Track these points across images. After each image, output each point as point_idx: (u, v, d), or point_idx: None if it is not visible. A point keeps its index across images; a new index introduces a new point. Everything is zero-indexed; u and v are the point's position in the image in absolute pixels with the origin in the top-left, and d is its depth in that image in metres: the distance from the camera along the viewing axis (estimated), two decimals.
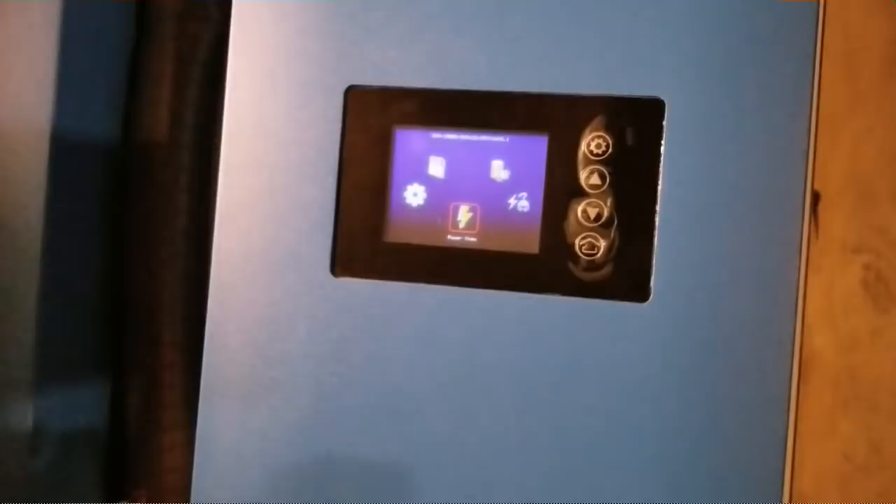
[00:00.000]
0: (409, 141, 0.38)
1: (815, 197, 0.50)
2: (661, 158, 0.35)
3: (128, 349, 0.47)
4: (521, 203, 0.36)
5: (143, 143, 0.47)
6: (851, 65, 0.51)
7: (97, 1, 0.45)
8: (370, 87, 0.38)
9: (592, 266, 0.36)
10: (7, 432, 0.42)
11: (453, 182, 0.37)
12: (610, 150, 0.36)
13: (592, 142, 0.36)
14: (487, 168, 0.37)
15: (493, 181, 0.37)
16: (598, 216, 0.36)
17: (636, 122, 0.35)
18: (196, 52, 0.47)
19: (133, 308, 0.47)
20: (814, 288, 0.50)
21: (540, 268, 0.36)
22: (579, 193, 0.36)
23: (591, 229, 0.36)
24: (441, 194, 0.37)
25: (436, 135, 0.37)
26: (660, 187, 0.35)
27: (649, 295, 0.35)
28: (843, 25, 0.51)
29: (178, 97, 0.47)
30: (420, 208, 0.37)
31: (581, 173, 0.36)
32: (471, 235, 0.37)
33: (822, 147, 0.50)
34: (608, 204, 0.36)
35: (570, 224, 0.36)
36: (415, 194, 0.38)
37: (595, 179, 0.36)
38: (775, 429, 0.34)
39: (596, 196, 0.36)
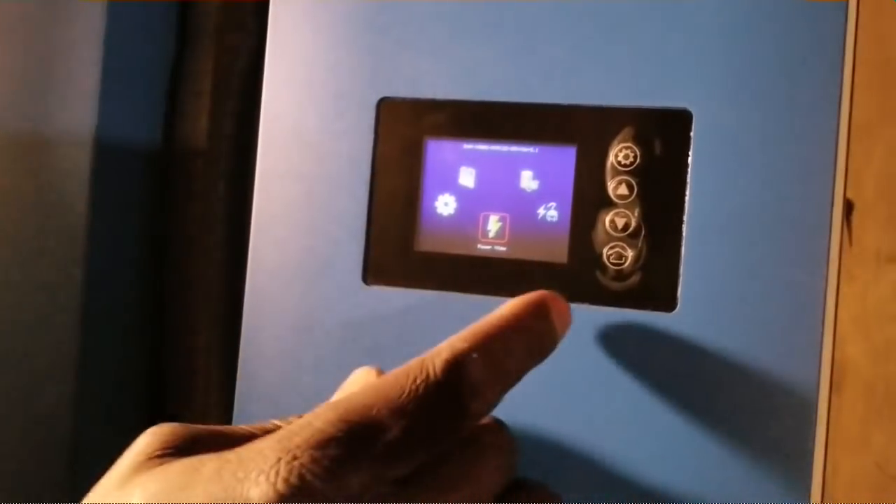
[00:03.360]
0: (440, 151, 0.38)
1: (849, 206, 0.49)
2: (689, 169, 0.35)
3: (165, 353, 0.48)
4: (550, 213, 0.37)
5: (182, 152, 0.48)
6: (886, 73, 0.51)
7: (140, 13, 0.47)
8: (402, 98, 0.39)
9: (620, 275, 0.36)
10: (45, 437, 0.44)
11: (483, 192, 0.38)
12: (638, 161, 0.36)
13: (620, 153, 0.36)
14: (517, 178, 0.37)
15: (522, 191, 0.37)
16: (626, 226, 0.36)
17: (664, 133, 0.36)
18: (234, 63, 0.48)
19: (170, 315, 0.48)
20: (847, 297, 0.50)
21: (568, 277, 0.36)
22: (607, 204, 0.36)
23: (618, 239, 0.36)
24: (471, 204, 0.38)
25: (466, 145, 0.38)
26: (687, 197, 0.35)
27: (677, 304, 0.35)
28: (876, 34, 0.50)
29: (217, 108, 0.48)
30: (450, 218, 0.38)
31: (609, 184, 0.36)
32: (500, 245, 0.37)
33: (856, 156, 0.50)
34: (636, 214, 0.36)
35: (599, 234, 0.36)
36: (445, 204, 0.38)
37: (623, 190, 0.36)
38: (807, 439, 0.34)
39: (624, 206, 0.36)
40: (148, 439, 0.27)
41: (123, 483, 0.26)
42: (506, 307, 0.30)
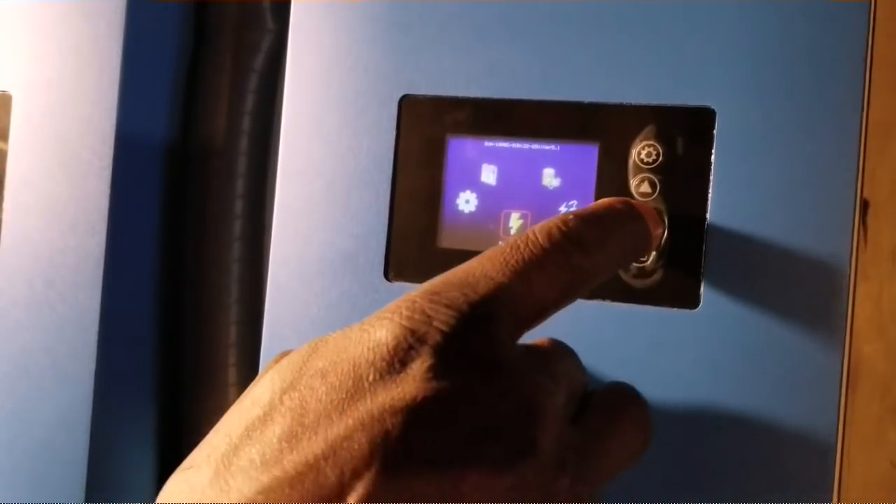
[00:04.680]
0: (462, 149, 0.38)
1: (865, 205, 0.50)
2: (712, 167, 0.36)
3: (184, 350, 0.49)
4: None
5: (201, 150, 0.48)
6: None
7: (159, 10, 0.47)
8: (424, 96, 0.39)
9: (643, 273, 0.36)
10: (64, 435, 0.44)
11: (505, 189, 0.38)
12: (660, 159, 0.36)
13: (643, 150, 0.36)
14: (539, 176, 0.37)
15: (544, 189, 0.37)
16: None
17: (687, 131, 0.36)
18: (253, 61, 0.48)
19: (189, 311, 0.49)
20: (862, 296, 0.50)
21: None
22: None
23: None
24: (493, 201, 0.38)
25: (488, 143, 0.38)
26: (710, 195, 0.36)
27: (699, 302, 0.35)
28: (893, 33, 0.51)
29: (236, 105, 0.48)
30: (472, 215, 0.38)
31: (631, 181, 0.36)
32: None
33: (871, 155, 0.50)
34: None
35: None
36: (467, 201, 0.38)
37: (645, 188, 0.36)
38: (824, 436, 0.35)
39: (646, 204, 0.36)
40: (274, 359, 0.29)
41: (254, 382, 0.27)
42: (598, 201, 0.32)
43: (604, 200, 0.32)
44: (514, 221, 0.38)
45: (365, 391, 0.24)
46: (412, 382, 0.24)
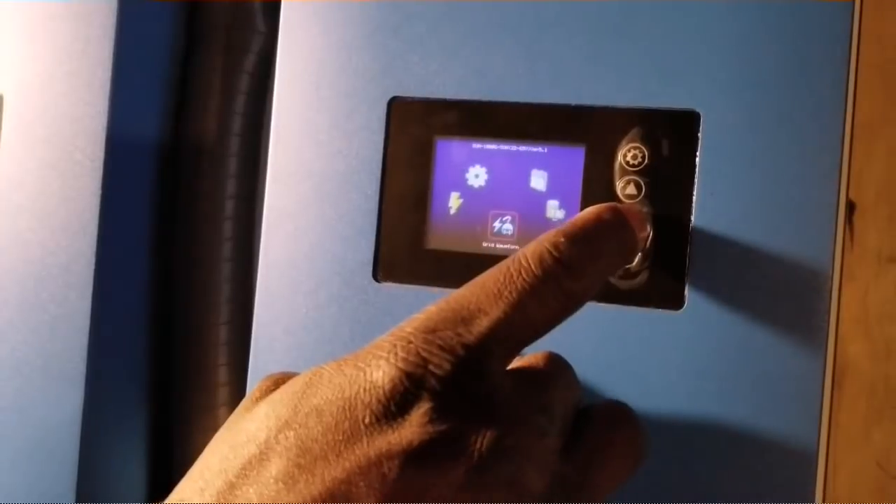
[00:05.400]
0: (451, 151, 0.39)
1: (851, 206, 0.50)
2: (697, 169, 0.36)
3: (174, 350, 0.49)
4: (559, 212, 0.37)
5: (191, 150, 0.49)
6: (886, 74, 0.51)
7: (150, 11, 0.47)
8: (413, 98, 0.39)
9: (628, 274, 0.36)
10: (53, 440, 0.44)
11: (493, 191, 0.38)
12: (646, 161, 0.36)
13: (629, 153, 0.37)
14: (526, 178, 0.38)
15: (531, 190, 0.38)
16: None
17: (672, 134, 0.36)
18: (243, 62, 0.49)
19: (180, 309, 0.49)
20: (848, 297, 0.50)
21: None
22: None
23: None
24: (481, 203, 0.38)
25: (476, 145, 0.38)
26: (695, 197, 0.36)
27: (684, 302, 0.36)
28: (878, 35, 0.51)
29: (226, 106, 0.48)
30: (460, 216, 0.39)
31: (617, 183, 0.37)
32: (509, 243, 0.38)
33: (858, 157, 0.51)
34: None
35: None
36: (455, 202, 0.39)
37: (631, 190, 0.37)
38: (809, 437, 0.35)
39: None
40: (262, 383, 0.29)
41: (250, 407, 0.27)
42: (584, 212, 0.32)
43: (590, 210, 0.32)
44: (502, 223, 0.38)
45: (361, 434, 0.24)
46: (409, 427, 0.24)
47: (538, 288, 0.28)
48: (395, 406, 0.25)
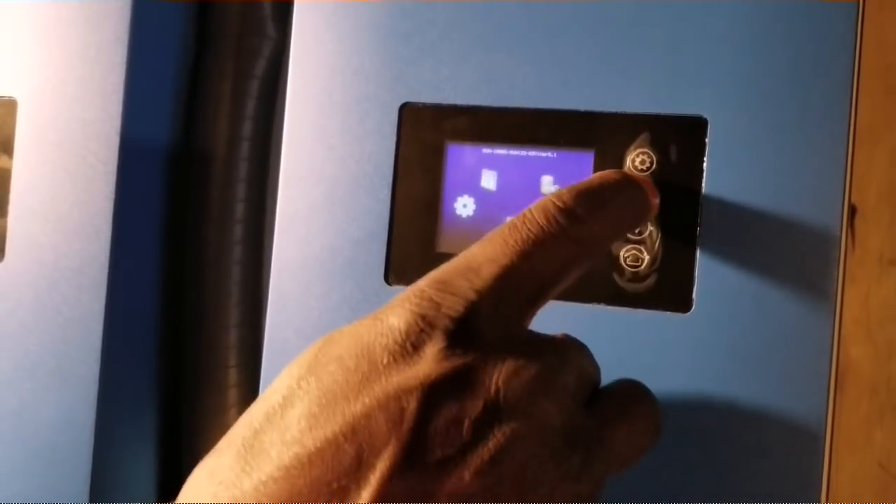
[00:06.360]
0: (461, 156, 0.39)
1: (852, 210, 0.51)
2: (704, 174, 0.37)
3: (186, 353, 0.49)
4: None
5: (202, 154, 0.49)
6: (888, 79, 0.52)
7: (163, 15, 0.48)
8: (424, 104, 0.40)
9: (636, 277, 0.37)
10: (65, 440, 0.44)
11: (503, 195, 0.39)
12: (654, 166, 0.37)
13: (637, 158, 0.37)
14: (537, 182, 0.38)
15: (541, 195, 0.38)
16: (642, 229, 0.37)
17: (680, 140, 0.37)
18: (254, 67, 0.49)
19: (191, 312, 0.49)
20: (850, 299, 0.51)
21: (585, 278, 0.37)
22: None
23: (635, 242, 0.37)
24: (491, 206, 0.39)
25: (486, 150, 0.39)
26: (702, 202, 0.37)
27: (691, 305, 0.36)
28: (879, 41, 0.52)
29: (237, 110, 0.49)
30: (471, 219, 0.39)
31: None
32: None
33: (859, 161, 0.51)
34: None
35: None
36: (465, 206, 0.39)
37: None
38: (812, 438, 0.35)
39: None
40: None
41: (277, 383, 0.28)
42: (595, 175, 0.33)
43: (599, 173, 0.33)
44: None
45: (380, 373, 0.25)
46: (425, 363, 0.25)
47: (542, 237, 0.29)
48: (410, 345, 0.26)
